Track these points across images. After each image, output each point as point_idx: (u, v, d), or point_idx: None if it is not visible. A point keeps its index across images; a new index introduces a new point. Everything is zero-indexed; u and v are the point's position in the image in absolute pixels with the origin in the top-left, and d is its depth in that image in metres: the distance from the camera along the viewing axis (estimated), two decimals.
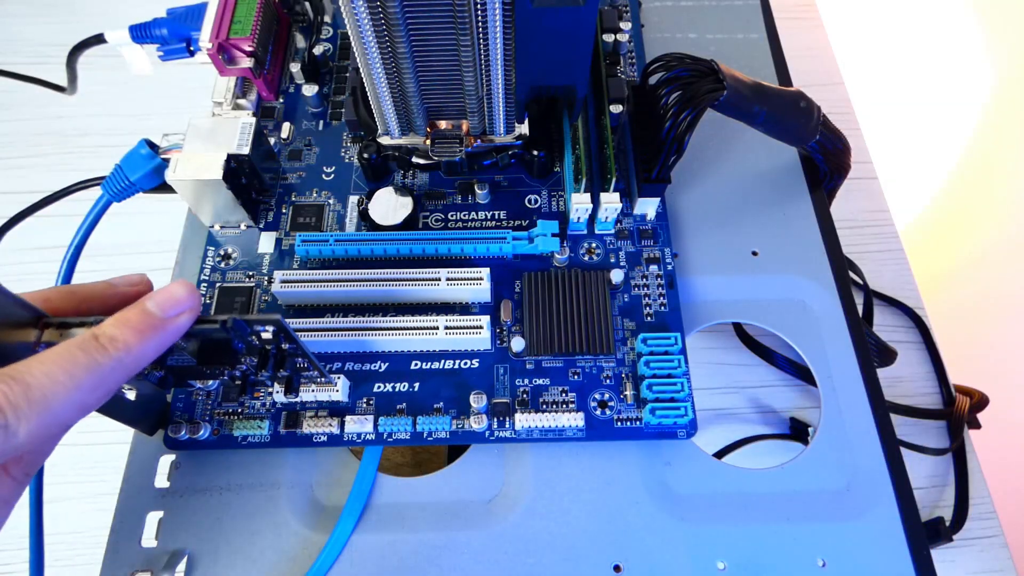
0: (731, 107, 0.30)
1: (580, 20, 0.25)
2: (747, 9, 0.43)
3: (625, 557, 0.28)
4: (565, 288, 0.31)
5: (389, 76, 0.28)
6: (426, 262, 0.32)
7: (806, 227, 0.35)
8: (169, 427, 0.29)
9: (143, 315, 0.21)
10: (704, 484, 0.29)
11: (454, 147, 0.31)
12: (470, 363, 0.30)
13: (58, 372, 0.18)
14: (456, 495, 0.29)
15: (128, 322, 0.20)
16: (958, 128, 0.66)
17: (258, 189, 0.33)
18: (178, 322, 0.22)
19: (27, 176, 0.52)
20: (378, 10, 0.24)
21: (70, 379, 0.18)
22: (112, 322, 0.20)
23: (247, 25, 0.33)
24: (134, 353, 0.20)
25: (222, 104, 0.35)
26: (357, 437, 0.29)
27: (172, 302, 0.21)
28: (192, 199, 0.31)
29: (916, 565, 0.28)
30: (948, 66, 0.66)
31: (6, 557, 0.41)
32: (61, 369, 0.18)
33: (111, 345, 0.20)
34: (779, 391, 0.44)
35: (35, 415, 0.18)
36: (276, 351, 0.26)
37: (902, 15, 0.70)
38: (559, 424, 0.29)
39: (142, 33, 0.34)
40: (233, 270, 0.33)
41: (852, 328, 0.33)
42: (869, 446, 0.30)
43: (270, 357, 0.26)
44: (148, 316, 0.21)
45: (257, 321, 0.23)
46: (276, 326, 0.23)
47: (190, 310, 0.22)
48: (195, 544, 0.28)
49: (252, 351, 0.25)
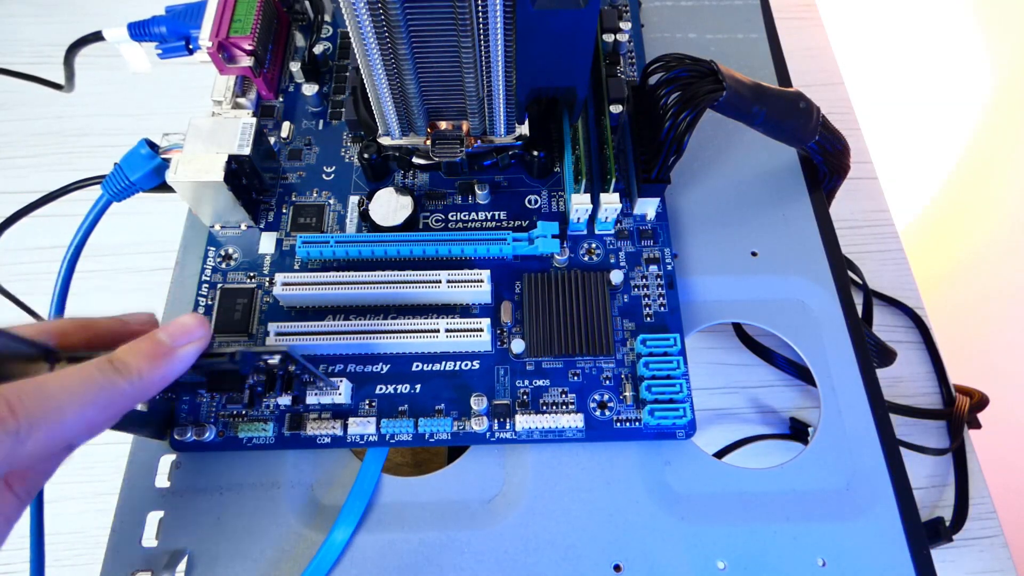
0: (731, 108, 0.30)
1: (581, 22, 0.25)
2: (747, 9, 0.43)
3: (625, 557, 0.28)
4: (565, 289, 0.31)
5: (390, 76, 0.28)
6: (427, 264, 0.32)
7: (806, 227, 0.35)
8: (175, 430, 0.29)
9: (155, 344, 0.22)
10: (704, 484, 0.29)
11: (454, 148, 0.31)
12: (471, 365, 0.30)
13: (75, 386, 0.19)
14: (456, 495, 0.29)
15: (141, 351, 0.21)
16: (958, 128, 0.66)
17: (258, 189, 0.33)
18: (187, 351, 0.22)
19: (27, 176, 0.52)
20: (378, 10, 0.24)
21: (85, 395, 0.19)
22: (126, 349, 0.21)
23: (247, 23, 0.33)
24: (145, 379, 0.21)
25: (221, 103, 0.35)
26: (360, 439, 0.29)
27: (182, 332, 0.22)
28: (193, 199, 0.31)
29: (916, 565, 0.28)
30: (948, 66, 0.66)
31: (6, 557, 0.41)
32: (78, 384, 0.19)
33: (124, 369, 0.20)
34: (779, 391, 0.44)
35: (45, 425, 0.18)
36: (284, 373, 0.26)
37: (902, 15, 0.70)
38: (559, 425, 0.29)
39: (141, 31, 0.34)
40: (234, 270, 0.33)
41: (852, 328, 0.33)
42: (869, 446, 0.30)
43: (277, 379, 0.26)
44: (159, 345, 0.22)
45: (265, 352, 0.24)
46: (283, 355, 0.24)
47: (200, 339, 0.23)
48: (195, 544, 0.28)
49: (259, 372, 0.25)
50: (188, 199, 0.31)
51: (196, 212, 0.33)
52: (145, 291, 0.47)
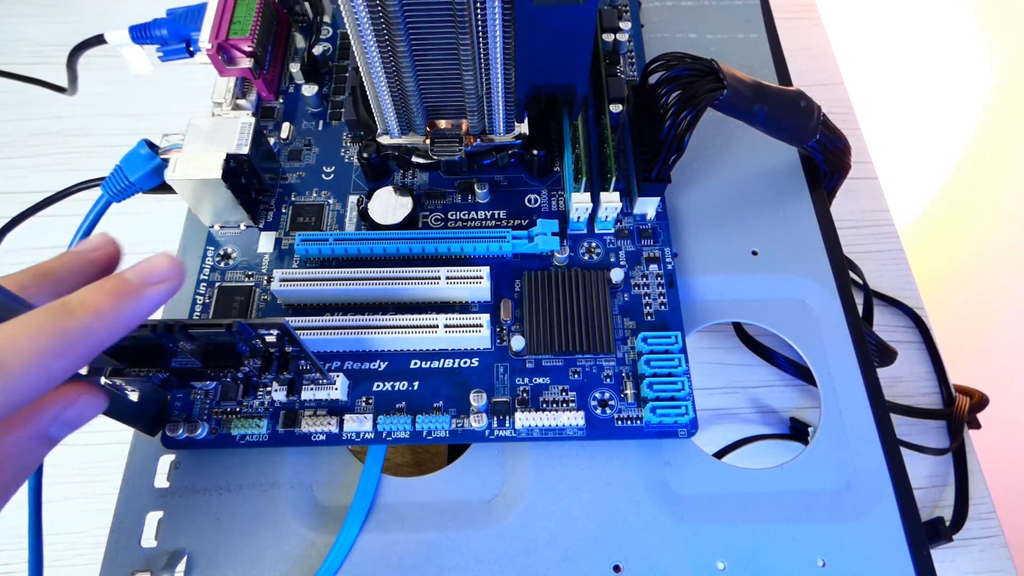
0: (731, 107, 0.30)
1: (580, 18, 0.25)
2: (747, 9, 0.43)
3: (625, 557, 0.28)
4: (565, 287, 0.31)
5: (389, 75, 0.28)
6: (426, 261, 0.32)
7: (806, 227, 0.35)
8: (167, 426, 0.29)
9: (119, 282, 0.20)
10: (704, 484, 0.29)
11: (454, 146, 0.31)
12: (470, 362, 0.30)
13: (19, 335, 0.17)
14: (456, 495, 0.29)
15: (101, 288, 0.19)
16: (958, 128, 0.66)
17: (258, 189, 0.33)
18: (157, 291, 0.20)
19: (27, 176, 0.52)
20: (377, 9, 0.24)
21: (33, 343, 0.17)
22: (85, 288, 0.19)
23: (246, 25, 0.33)
24: (106, 319, 0.19)
25: (222, 104, 0.35)
26: (356, 436, 0.29)
27: (152, 272, 0.20)
28: (192, 199, 0.31)
29: (916, 565, 0.28)
30: (948, 66, 0.66)
31: (6, 557, 0.41)
32: (23, 333, 0.17)
33: (81, 308, 0.18)
34: (779, 391, 0.44)
35: None
36: (280, 354, 0.26)
37: (902, 15, 0.70)
38: (559, 423, 0.29)
39: (142, 34, 0.34)
40: (232, 269, 0.33)
41: (852, 328, 0.33)
42: (869, 446, 0.30)
43: (273, 360, 0.26)
44: (124, 283, 0.20)
45: (261, 325, 0.23)
46: (280, 330, 0.23)
47: (170, 279, 0.21)
48: (195, 544, 0.28)
49: (256, 354, 0.25)
50: (187, 198, 0.31)
51: (195, 212, 0.33)
52: None
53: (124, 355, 0.25)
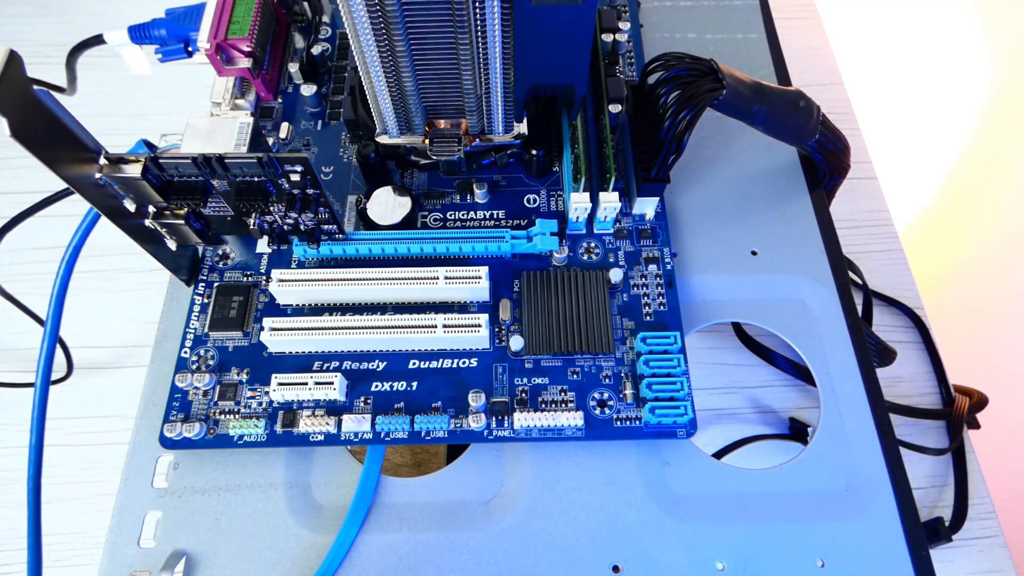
0: (730, 106, 0.30)
1: (578, 18, 0.25)
2: (746, 9, 0.43)
3: (624, 557, 0.28)
4: (564, 287, 0.31)
5: (387, 75, 0.27)
6: (424, 261, 0.32)
7: (805, 227, 0.35)
8: (164, 426, 0.29)
9: None
10: (703, 484, 0.29)
11: (453, 146, 0.31)
12: (468, 362, 0.30)
13: None
14: (455, 495, 0.29)
15: None
16: (958, 128, 0.66)
17: None
18: None
19: (27, 176, 0.52)
20: (376, 9, 0.24)
21: None
22: None
23: (245, 25, 0.33)
24: None
25: (220, 104, 0.35)
26: (354, 436, 0.29)
27: None
28: None
29: (915, 565, 0.28)
30: (948, 66, 0.66)
31: (6, 557, 0.41)
32: None
33: None
34: (779, 391, 0.44)
35: None
36: (302, 195, 0.28)
37: (902, 15, 0.70)
38: (558, 423, 0.29)
39: (141, 34, 0.34)
40: (231, 269, 0.33)
41: (852, 328, 0.33)
42: (868, 446, 0.30)
43: (297, 200, 0.28)
44: None
45: (287, 159, 0.26)
46: (304, 165, 0.26)
47: None
48: (194, 545, 0.28)
49: (281, 197, 0.28)
50: None
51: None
52: (144, 291, 0.47)
53: (169, 192, 0.28)
